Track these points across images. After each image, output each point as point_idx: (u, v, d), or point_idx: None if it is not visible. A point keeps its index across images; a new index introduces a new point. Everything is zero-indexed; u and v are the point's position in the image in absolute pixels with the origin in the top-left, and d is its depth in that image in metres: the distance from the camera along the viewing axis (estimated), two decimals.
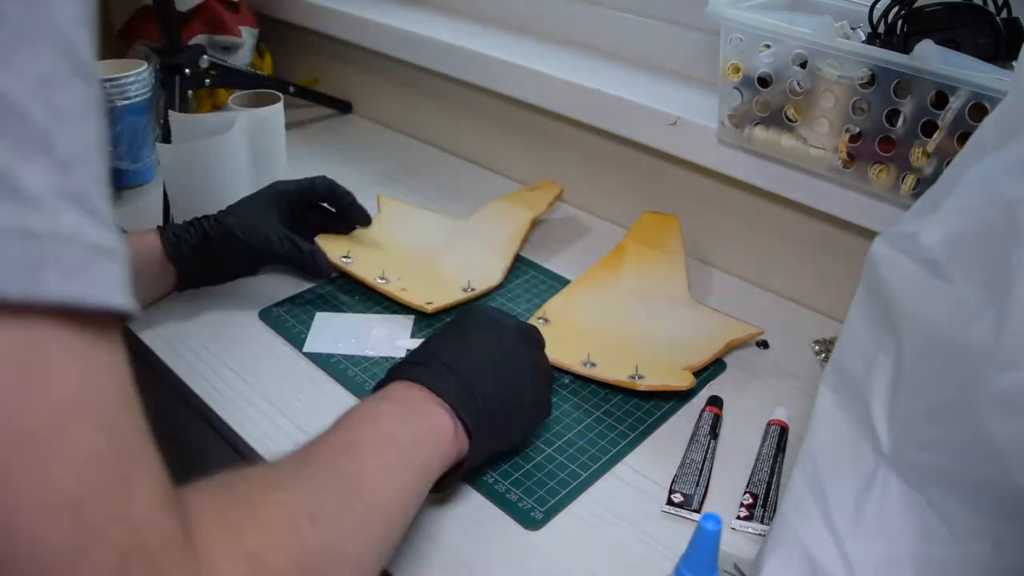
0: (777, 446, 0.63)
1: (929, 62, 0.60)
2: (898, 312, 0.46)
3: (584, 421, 0.66)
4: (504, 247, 0.86)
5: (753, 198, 0.83)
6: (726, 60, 0.72)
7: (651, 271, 0.82)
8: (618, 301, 0.78)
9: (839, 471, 0.47)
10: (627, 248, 0.85)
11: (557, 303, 0.78)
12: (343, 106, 1.24)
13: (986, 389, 0.40)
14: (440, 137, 1.15)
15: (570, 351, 0.70)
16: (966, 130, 0.60)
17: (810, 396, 0.66)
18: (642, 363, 0.68)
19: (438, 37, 1.01)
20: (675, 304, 0.78)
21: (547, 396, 0.61)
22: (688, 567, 0.47)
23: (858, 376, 0.48)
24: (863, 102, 0.66)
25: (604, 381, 0.68)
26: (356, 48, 1.14)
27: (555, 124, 0.98)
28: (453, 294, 0.79)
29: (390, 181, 1.04)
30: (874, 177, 0.67)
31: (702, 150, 0.80)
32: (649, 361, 0.69)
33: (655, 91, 0.86)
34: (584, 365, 0.69)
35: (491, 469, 0.61)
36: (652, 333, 0.74)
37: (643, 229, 0.87)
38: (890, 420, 0.46)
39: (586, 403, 0.68)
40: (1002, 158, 0.43)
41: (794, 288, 0.83)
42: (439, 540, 0.55)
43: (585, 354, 0.70)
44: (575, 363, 0.69)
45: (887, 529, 0.45)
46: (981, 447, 0.40)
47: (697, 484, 0.60)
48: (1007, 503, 0.40)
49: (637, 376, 0.67)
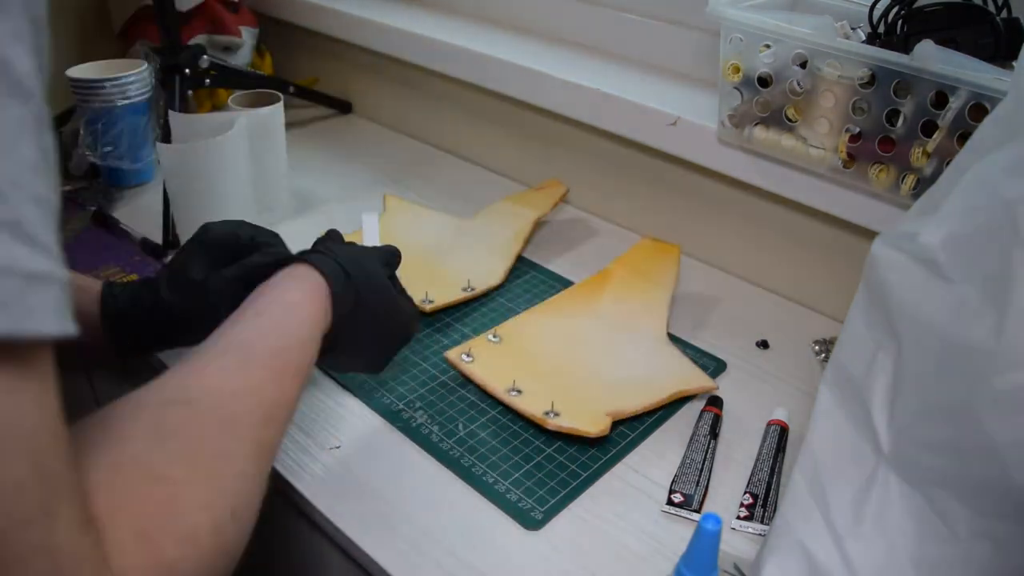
0: (777, 446, 0.63)
1: (929, 62, 0.60)
2: (898, 312, 0.46)
3: None
4: (506, 247, 0.86)
5: (753, 198, 0.83)
6: (726, 60, 0.72)
7: (632, 302, 0.77)
8: (582, 329, 0.74)
9: (839, 471, 0.47)
10: (613, 274, 0.80)
11: (518, 322, 0.74)
12: (343, 106, 1.24)
13: (986, 389, 0.40)
14: (440, 137, 1.15)
15: (500, 375, 0.67)
16: (966, 130, 0.60)
17: (810, 396, 0.66)
18: (563, 400, 0.64)
19: (438, 37, 1.01)
20: (643, 341, 0.73)
21: (408, 322, 0.61)
22: (688, 567, 0.47)
23: (858, 376, 0.48)
24: (863, 102, 0.66)
25: (520, 412, 0.65)
26: (356, 48, 1.14)
27: (555, 124, 0.98)
28: (452, 294, 0.79)
29: (390, 181, 1.04)
30: (874, 177, 0.67)
31: (702, 150, 0.80)
32: (572, 399, 0.64)
33: (655, 91, 0.86)
34: (509, 392, 0.66)
35: (491, 469, 0.61)
36: (599, 369, 0.69)
37: (638, 255, 0.83)
38: (890, 420, 0.46)
39: None
40: (1002, 158, 0.43)
41: (794, 288, 0.83)
42: (439, 540, 0.55)
43: (511, 381, 0.66)
44: (500, 389, 0.66)
45: (887, 529, 0.45)
46: (981, 447, 0.40)
47: (697, 484, 0.60)
48: (1007, 503, 0.40)
49: (552, 413, 0.63)
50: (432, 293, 0.78)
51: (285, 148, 0.92)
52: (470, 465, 0.61)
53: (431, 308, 0.76)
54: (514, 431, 0.64)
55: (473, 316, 0.78)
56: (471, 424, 0.65)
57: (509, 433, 0.64)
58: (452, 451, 0.62)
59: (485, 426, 0.65)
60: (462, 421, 0.65)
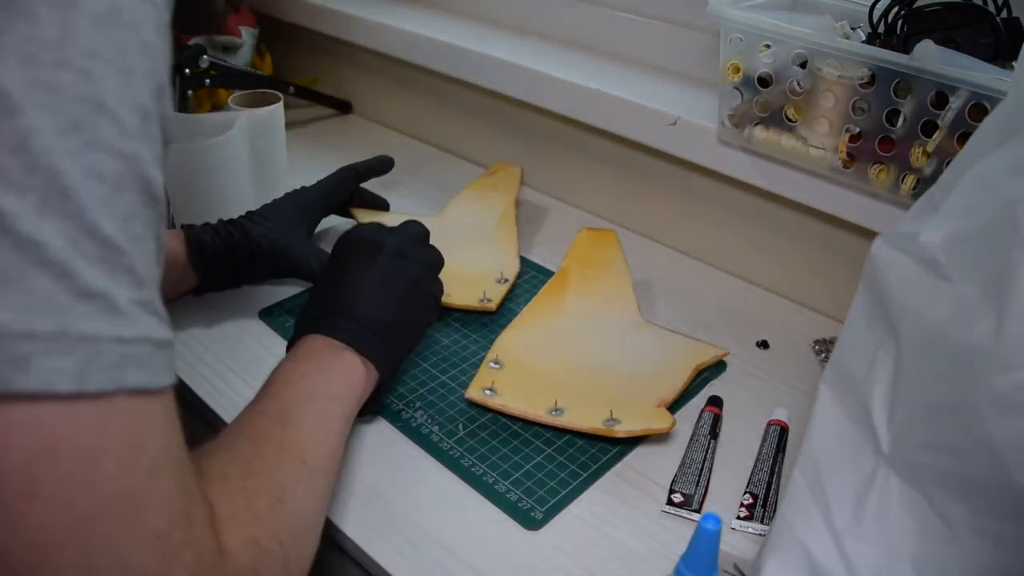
0: (777, 446, 0.63)
1: (929, 62, 0.60)
2: (898, 312, 0.46)
3: None
4: (505, 233, 0.86)
5: (753, 198, 0.83)
6: (726, 60, 0.72)
7: (597, 293, 0.77)
8: (571, 333, 0.73)
9: (839, 471, 0.47)
10: (569, 271, 0.79)
11: (508, 342, 0.71)
12: (343, 106, 1.24)
13: (986, 389, 0.40)
14: (440, 137, 1.15)
15: (533, 399, 0.64)
16: (966, 130, 0.60)
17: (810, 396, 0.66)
18: (615, 405, 0.63)
19: (438, 37, 1.01)
20: (629, 328, 0.73)
21: (435, 295, 0.67)
22: (688, 567, 0.47)
23: (858, 376, 0.48)
24: (863, 102, 0.66)
25: (576, 430, 0.63)
26: (356, 48, 1.14)
27: (555, 124, 0.98)
28: (492, 289, 0.79)
29: (390, 181, 1.04)
30: (874, 177, 0.67)
31: (702, 150, 0.80)
32: (621, 401, 0.64)
33: (655, 91, 0.86)
34: (551, 413, 0.63)
35: (491, 469, 0.61)
36: (614, 366, 0.69)
37: (582, 248, 0.82)
38: (890, 420, 0.46)
39: None
40: (1002, 158, 0.43)
41: (794, 288, 0.83)
42: (439, 540, 0.55)
43: (552, 401, 0.64)
44: (541, 412, 0.63)
45: (887, 529, 0.45)
46: (981, 447, 0.40)
47: (697, 484, 0.60)
48: (1007, 503, 0.40)
49: (612, 421, 0.62)
50: (468, 294, 0.77)
51: (285, 148, 0.92)
52: (470, 465, 0.61)
53: (496, 305, 0.77)
54: (514, 431, 0.64)
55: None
56: (471, 424, 0.65)
57: (509, 433, 0.64)
58: (452, 451, 0.62)
59: (485, 426, 0.65)
60: (462, 421, 0.65)
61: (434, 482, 0.60)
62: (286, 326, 0.75)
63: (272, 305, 0.78)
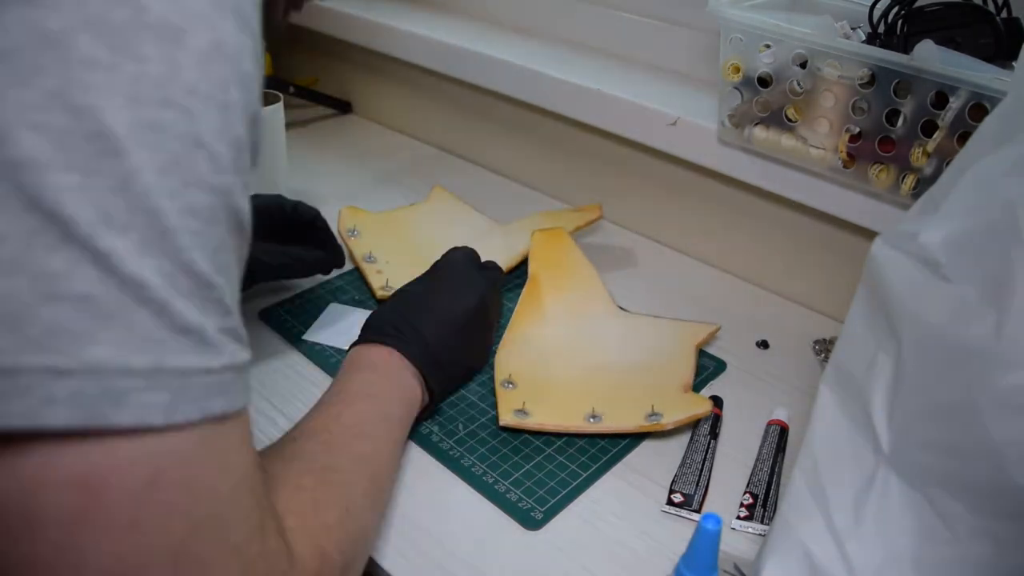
0: (777, 446, 0.63)
1: (929, 62, 0.60)
2: (898, 312, 0.46)
3: None
4: (517, 255, 0.84)
5: (753, 198, 0.83)
6: (726, 60, 0.72)
7: (571, 293, 0.76)
8: (566, 337, 0.72)
9: (839, 471, 0.47)
10: (538, 276, 0.77)
11: (510, 358, 0.70)
12: (343, 106, 1.24)
13: (986, 389, 0.40)
14: (440, 137, 1.15)
15: (566, 411, 0.64)
16: (966, 130, 0.60)
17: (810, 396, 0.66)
18: (652, 399, 0.64)
19: (438, 37, 1.01)
20: (614, 320, 0.74)
21: (488, 346, 0.71)
22: (688, 567, 0.47)
23: (858, 376, 0.48)
24: (863, 102, 0.66)
25: (622, 432, 0.63)
26: (356, 48, 1.14)
27: (554, 124, 0.98)
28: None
29: (390, 181, 1.04)
30: (874, 177, 0.67)
31: (702, 150, 0.80)
32: (651, 394, 0.65)
33: (655, 91, 0.86)
34: (590, 420, 0.63)
35: (491, 469, 0.61)
36: (623, 361, 0.69)
37: (541, 252, 0.80)
38: (890, 420, 0.46)
39: None
40: (1002, 158, 0.43)
41: (794, 288, 0.83)
42: (439, 540, 0.55)
43: (586, 408, 0.64)
44: (580, 422, 0.63)
45: (887, 529, 0.45)
46: (981, 447, 0.40)
47: (697, 484, 0.60)
48: (1007, 503, 0.40)
49: (655, 416, 0.63)
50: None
51: (285, 148, 0.92)
52: (470, 465, 0.61)
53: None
54: (514, 431, 0.64)
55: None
56: (471, 424, 0.65)
57: (509, 433, 0.64)
58: (452, 451, 0.62)
59: (485, 426, 0.65)
60: (462, 421, 0.65)
61: (434, 482, 0.60)
62: (286, 326, 0.75)
63: (272, 305, 0.78)
